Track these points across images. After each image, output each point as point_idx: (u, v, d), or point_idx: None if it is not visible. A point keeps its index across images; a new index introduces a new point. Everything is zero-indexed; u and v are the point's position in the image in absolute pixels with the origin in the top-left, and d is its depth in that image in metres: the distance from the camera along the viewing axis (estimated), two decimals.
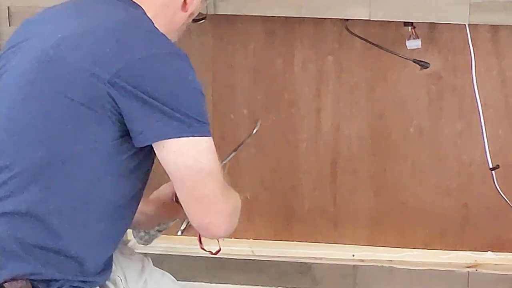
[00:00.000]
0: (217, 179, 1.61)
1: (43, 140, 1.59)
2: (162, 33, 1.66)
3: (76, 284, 1.63)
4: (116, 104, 1.55)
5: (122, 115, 1.57)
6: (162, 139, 1.56)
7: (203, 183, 1.59)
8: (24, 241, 1.59)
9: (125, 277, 1.82)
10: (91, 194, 1.61)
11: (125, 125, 1.57)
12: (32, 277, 1.59)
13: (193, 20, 1.90)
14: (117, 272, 1.79)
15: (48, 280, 1.60)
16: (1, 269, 1.59)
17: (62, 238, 1.60)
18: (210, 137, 1.61)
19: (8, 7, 2.36)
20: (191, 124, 1.57)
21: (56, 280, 1.61)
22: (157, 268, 1.95)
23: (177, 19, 1.76)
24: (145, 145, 1.58)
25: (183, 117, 1.56)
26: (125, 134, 1.58)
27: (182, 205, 1.63)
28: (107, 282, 1.73)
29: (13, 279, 1.58)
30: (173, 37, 1.77)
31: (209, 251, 1.88)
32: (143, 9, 1.69)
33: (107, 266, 1.72)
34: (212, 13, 2.28)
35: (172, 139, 1.56)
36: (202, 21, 1.94)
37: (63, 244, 1.60)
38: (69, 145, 1.58)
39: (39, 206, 1.59)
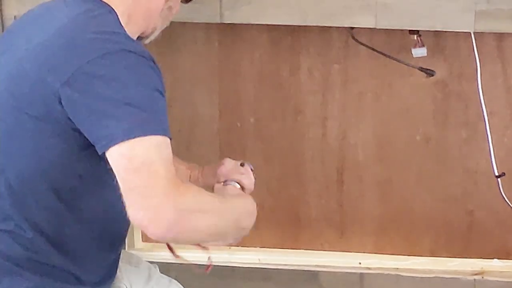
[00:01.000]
0: (158, 172, 1.42)
1: (11, 160, 1.56)
2: (119, 30, 1.56)
3: None
4: (68, 115, 1.48)
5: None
6: (113, 145, 1.43)
7: (135, 172, 1.41)
8: (16, 257, 1.58)
9: (131, 285, 1.82)
10: (71, 210, 1.58)
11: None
12: None
13: (185, 0, 1.79)
14: (122, 280, 1.80)
15: None
16: None
17: (52, 253, 1.59)
18: (162, 136, 1.45)
19: (14, 16, 2.36)
20: (141, 124, 1.44)
21: None
22: (164, 276, 1.95)
23: (153, 5, 1.67)
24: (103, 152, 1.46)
25: (133, 114, 1.44)
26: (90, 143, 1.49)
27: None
28: None
29: None
30: (156, 23, 1.71)
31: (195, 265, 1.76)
32: (110, 6, 1.60)
33: (108, 276, 1.72)
34: (218, 22, 2.28)
35: (121, 142, 1.43)
36: None
37: (54, 259, 1.60)
38: (35, 163, 1.54)
39: (22, 225, 1.57)
